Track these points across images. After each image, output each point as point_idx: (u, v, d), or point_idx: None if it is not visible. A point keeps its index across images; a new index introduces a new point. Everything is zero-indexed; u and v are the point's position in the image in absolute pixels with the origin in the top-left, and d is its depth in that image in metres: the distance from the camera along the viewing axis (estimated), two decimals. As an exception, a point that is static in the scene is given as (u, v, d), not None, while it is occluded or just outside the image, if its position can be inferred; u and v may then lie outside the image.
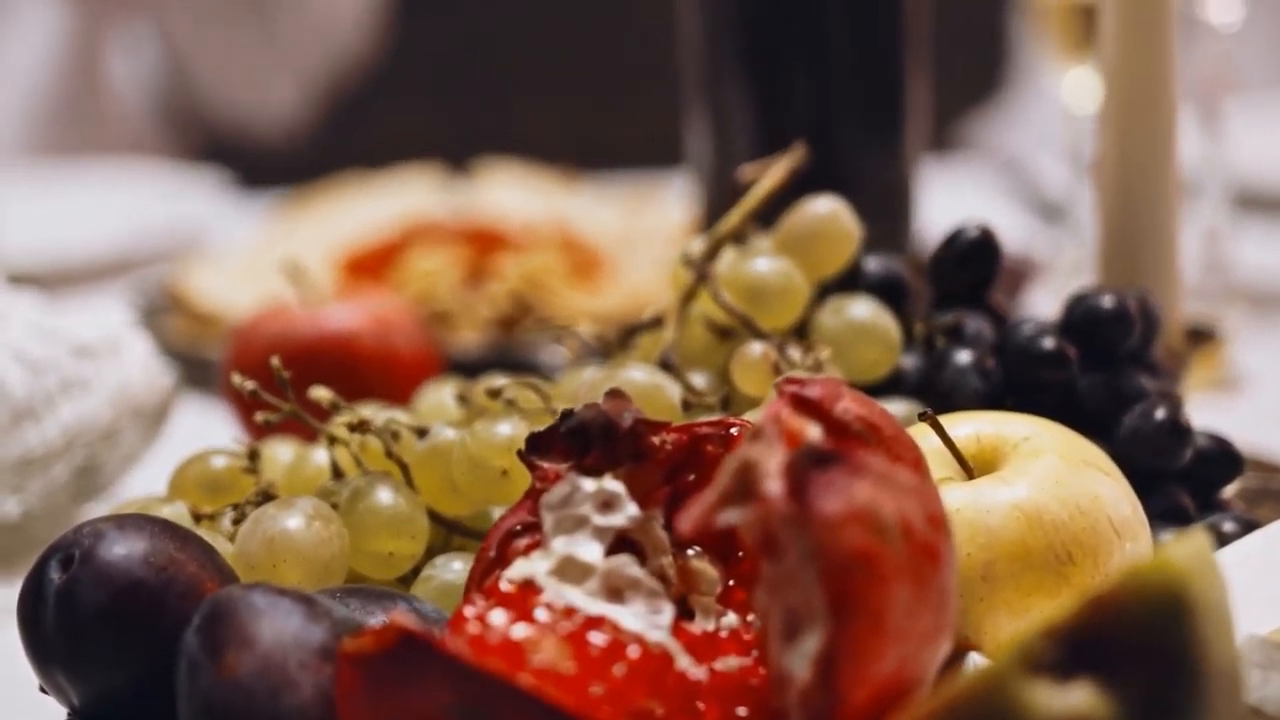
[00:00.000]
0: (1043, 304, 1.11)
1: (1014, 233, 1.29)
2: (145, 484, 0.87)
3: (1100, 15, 0.81)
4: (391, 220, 1.21)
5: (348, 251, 1.14)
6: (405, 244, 1.12)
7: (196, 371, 1.01)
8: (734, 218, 0.75)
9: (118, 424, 0.82)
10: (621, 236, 1.16)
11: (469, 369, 0.95)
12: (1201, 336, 0.82)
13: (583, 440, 0.60)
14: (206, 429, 0.95)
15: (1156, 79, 0.80)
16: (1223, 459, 0.72)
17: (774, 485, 0.52)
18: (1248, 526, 0.69)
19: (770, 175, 0.76)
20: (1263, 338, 1.07)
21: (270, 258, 1.16)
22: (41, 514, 0.80)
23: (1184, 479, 0.71)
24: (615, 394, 0.60)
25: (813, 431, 0.54)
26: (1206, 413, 0.84)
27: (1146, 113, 0.81)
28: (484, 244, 1.10)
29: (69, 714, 0.61)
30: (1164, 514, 0.70)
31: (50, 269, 1.22)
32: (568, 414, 0.60)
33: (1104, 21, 0.81)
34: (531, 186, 1.26)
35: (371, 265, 1.11)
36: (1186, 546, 0.49)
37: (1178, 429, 0.70)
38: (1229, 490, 0.73)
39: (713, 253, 0.74)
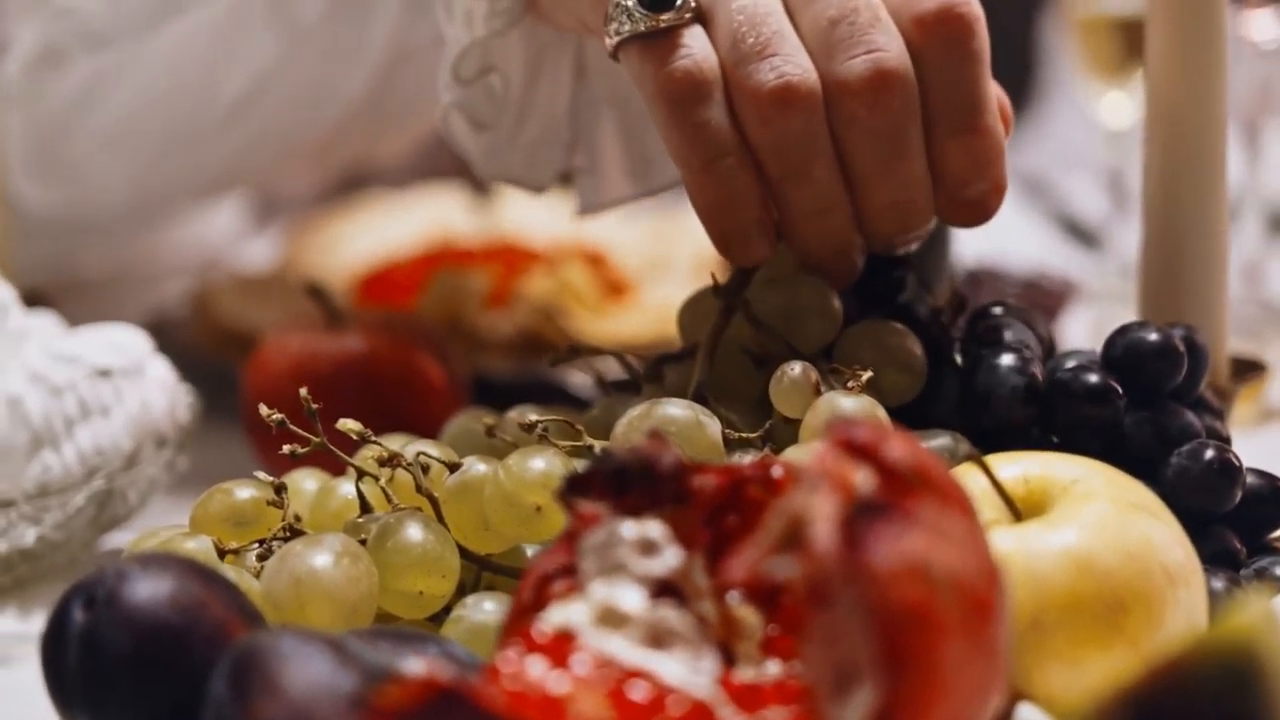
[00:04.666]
0: (1073, 330, 1.09)
1: (1041, 253, 1.27)
2: (163, 510, 0.85)
3: (1147, 36, 0.79)
4: (415, 238, 1.19)
5: (371, 269, 1.13)
6: (430, 262, 1.10)
7: (215, 388, 0.98)
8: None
9: (139, 451, 0.80)
10: (647, 257, 1.14)
11: (496, 391, 0.94)
12: (1249, 370, 0.80)
13: (621, 482, 0.58)
14: (224, 451, 0.93)
15: (1205, 103, 0.78)
16: (1274, 499, 0.70)
17: (825, 536, 0.51)
18: (1299, 571, 0.67)
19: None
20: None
21: (293, 274, 1.14)
22: (59, 542, 0.79)
23: (1233, 520, 0.69)
24: (656, 435, 0.58)
25: (863, 478, 0.52)
26: (1245, 447, 0.82)
27: (1193, 139, 0.79)
28: (510, 262, 1.09)
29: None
30: (1213, 557, 0.68)
31: (66, 281, 1.20)
32: (607, 455, 0.58)
33: (1150, 43, 0.79)
34: (555, 206, 1.25)
35: (395, 283, 1.09)
36: (1253, 606, 0.47)
37: (1228, 470, 0.68)
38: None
39: (743, 282, 0.72)
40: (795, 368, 0.68)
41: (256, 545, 0.66)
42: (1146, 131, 0.79)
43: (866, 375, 0.68)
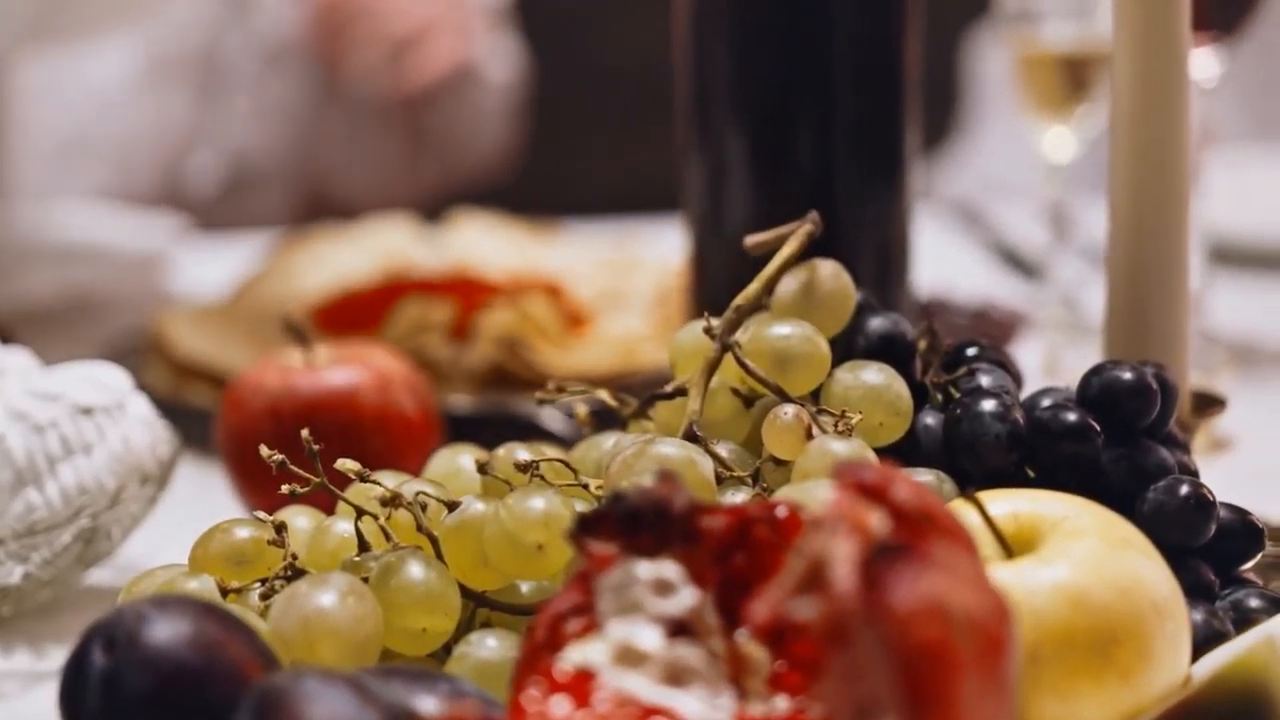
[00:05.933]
0: (1024, 361, 1.11)
1: (983, 283, 1.29)
2: (144, 545, 0.86)
3: (1112, 76, 0.81)
4: (370, 269, 1.20)
5: (327, 300, 1.13)
6: (388, 294, 1.11)
7: (174, 421, 0.99)
8: (754, 288, 0.75)
9: (122, 489, 0.81)
10: (602, 288, 1.15)
11: (464, 425, 0.95)
12: (1209, 404, 0.82)
13: (633, 523, 0.59)
14: (195, 484, 0.94)
15: (1170, 140, 0.81)
16: (1244, 532, 0.72)
17: (846, 578, 0.52)
18: (1272, 603, 0.69)
19: (789, 243, 0.76)
20: (1241, 393, 1.08)
21: (248, 306, 1.15)
22: (45, 580, 0.79)
23: (1206, 553, 0.71)
24: (666, 477, 0.60)
25: (877, 520, 0.54)
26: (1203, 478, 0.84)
27: (1158, 181, 0.81)
28: (468, 293, 1.09)
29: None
30: (1188, 590, 0.70)
31: (19, 307, 1.20)
32: (619, 497, 0.59)
33: (1115, 81, 0.81)
34: (506, 237, 1.26)
35: (353, 315, 1.10)
36: (1259, 641, 0.50)
37: (1203, 505, 0.70)
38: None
39: (736, 324, 0.74)
40: (788, 411, 0.70)
41: (258, 584, 0.67)
42: (1111, 173, 0.82)
43: (857, 418, 0.70)
